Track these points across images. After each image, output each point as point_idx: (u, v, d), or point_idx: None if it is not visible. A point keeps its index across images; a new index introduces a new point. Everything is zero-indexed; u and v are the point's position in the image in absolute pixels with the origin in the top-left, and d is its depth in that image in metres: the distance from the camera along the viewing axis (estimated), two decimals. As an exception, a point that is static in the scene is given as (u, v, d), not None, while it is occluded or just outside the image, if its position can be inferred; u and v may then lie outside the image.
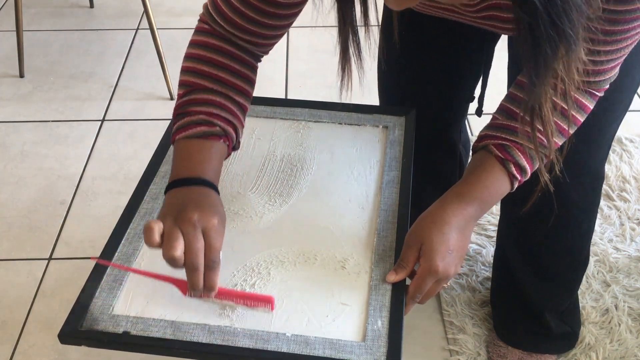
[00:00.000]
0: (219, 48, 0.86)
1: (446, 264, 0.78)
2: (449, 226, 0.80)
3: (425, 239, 0.79)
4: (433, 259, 0.78)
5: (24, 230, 1.52)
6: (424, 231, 0.80)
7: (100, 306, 0.78)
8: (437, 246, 0.78)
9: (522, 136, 0.79)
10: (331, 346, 0.73)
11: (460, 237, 0.81)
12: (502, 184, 0.81)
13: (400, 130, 1.04)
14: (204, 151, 0.80)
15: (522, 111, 0.75)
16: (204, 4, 0.88)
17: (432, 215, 0.81)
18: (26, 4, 2.32)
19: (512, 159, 0.80)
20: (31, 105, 1.90)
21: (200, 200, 0.75)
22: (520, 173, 0.81)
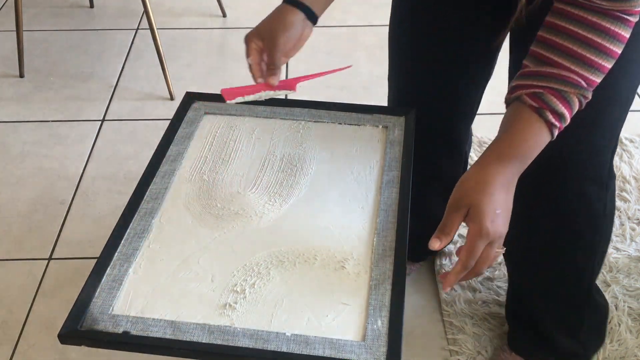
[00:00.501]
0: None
1: (496, 224, 0.76)
2: (493, 186, 0.77)
3: (471, 202, 0.77)
4: (482, 221, 0.75)
5: (24, 230, 1.52)
6: (467, 194, 0.78)
7: (100, 306, 0.78)
8: (484, 207, 0.76)
9: (556, 80, 0.76)
10: (331, 346, 0.73)
11: (505, 196, 0.78)
12: (541, 135, 0.78)
13: (400, 130, 1.04)
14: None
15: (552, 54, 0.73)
16: None
17: (473, 177, 0.79)
18: (26, 4, 2.32)
19: (547, 106, 0.76)
20: (31, 105, 1.90)
21: (270, 19, 0.95)
22: (558, 120, 0.77)
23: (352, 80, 1.89)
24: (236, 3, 2.33)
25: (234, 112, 1.08)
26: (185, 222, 0.89)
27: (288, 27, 0.92)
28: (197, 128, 1.05)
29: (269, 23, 0.94)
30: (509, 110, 0.80)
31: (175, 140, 1.02)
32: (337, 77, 1.95)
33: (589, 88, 0.76)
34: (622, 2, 0.73)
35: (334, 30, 2.14)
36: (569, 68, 0.75)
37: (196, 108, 1.09)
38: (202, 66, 2.04)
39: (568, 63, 0.75)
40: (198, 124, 1.06)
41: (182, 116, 1.07)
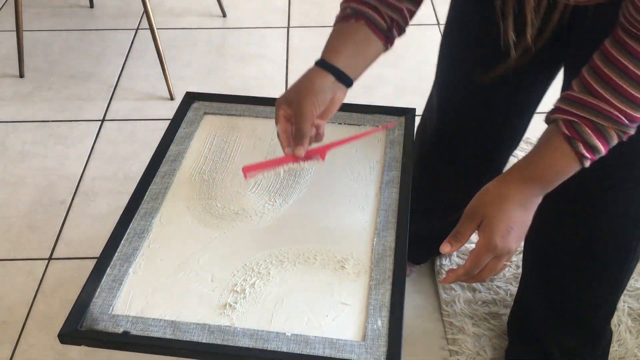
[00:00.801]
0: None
1: (506, 240, 0.76)
2: (510, 202, 0.77)
3: (486, 213, 0.77)
4: (492, 234, 0.76)
5: (24, 230, 1.52)
6: (484, 205, 0.78)
7: (100, 306, 0.78)
8: (497, 222, 0.76)
9: (596, 113, 0.73)
10: (331, 346, 0.73)
11: (522, 214, 0.78)
12: (569, 164, 0.76)
13: (400, 130, 1.04)
14: (333, 33, 0.88)
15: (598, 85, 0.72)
16: None
17: (493, 190, 0.79)
18: (26, 4, 2.32)
19: (580, 137, 0.74)
20: (31, 105, 1.90)
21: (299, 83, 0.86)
22: (591, 152, 0.75)
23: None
24: (236, 3, 2.33)
25: (234, 112, 1.08)
26: (185, 222, 0.89)
27: (316, 92, 0.85)
28: (197, 128, 1.05)
29: (297, 88, 0.86)
30: (545, 131, 0.79)
31: (175, 140, 1.02)
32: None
33: (631, 125, 0.74)
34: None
35: (334, 30, 2.15)
36: (613, 104, 0.72)
37: (196, 108, 1.09)
38: (202, 66, 2.04)
39: (613, 99, 0.72)
40: (198, 124, 1.06)
41: (182, 116, 1.07)
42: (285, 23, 2.21)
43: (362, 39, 0.86)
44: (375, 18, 0.85)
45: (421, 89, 1.93)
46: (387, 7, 0.86)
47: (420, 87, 1.93)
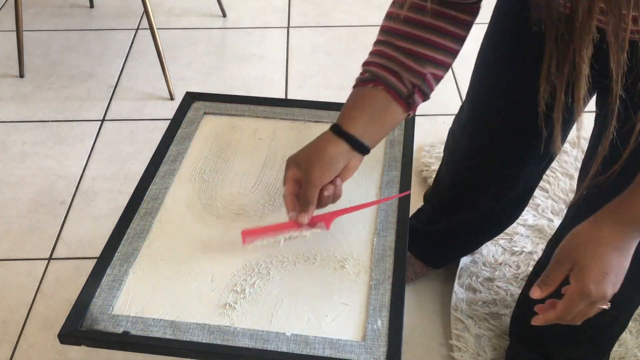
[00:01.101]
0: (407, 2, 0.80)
1: (600, 286, 0.72)
2: (604, 248, 0.72)
3: (579, 260, 0.73)
4: (586, 282, 0.72)
5: (24, 230, 1.52)
6: (577, 250, 0.74)
7: (100, 306, 0.78)
8: (590, 268, 0.72)
9: None
10: (331, 346, 0.73)
11: (616, 258, 0.73)
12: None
13: (400, 130, 1.04)
14: (350, 98, 0.83)
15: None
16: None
17: (586, 233, 0.74)
18: (26, 4, 2.32)
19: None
20: (31, 105, 1.90)
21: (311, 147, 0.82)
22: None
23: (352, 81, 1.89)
24: (236, 3, 2.33)
25: (234, 112, 1.08)
26: (185, 222, 0.89)
27: (327, 161, 0.80)
28: (197, 128, 1.05)
29: (308, 153, 0.82)
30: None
31: (175, 140, 1.02)
32: (337, 77, 1.96)
33: None
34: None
35: (334, 30, 2.14)
36: None
37: (196, 108, 1.09)
38: (202, 66, 2.04)
39: None
40: (198, 124, 1.06)
41: (182, 116, 1.07)
42: (285, 23, 2.21)
43: (380, 106, 0.81)
44: (394, 84, 0.80)
45: (421, 89, 1.93)
46: (409, 73, 0.80)
47: (420, 87, 1.93)
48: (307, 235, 0.85)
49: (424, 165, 1.64)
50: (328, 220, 0.85)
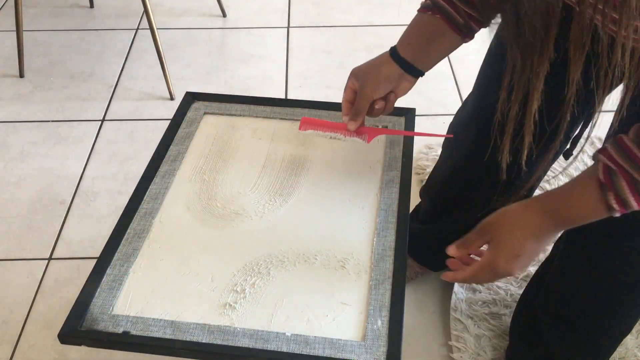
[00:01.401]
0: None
1: (509, 265, 0.76)
2: (522, 232, 0.75)
3: (495, 235, 0.77)
4: (498, 257, 0.76)
5: (24, 230, 1.52)
6: (496, 227, 0.77)
7: (100, 306, 0.78)
8: (503, 247, 0.76)
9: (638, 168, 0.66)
10: (331, 346, 0.73)
11: (532, 245, 0.76)
12: (595, 209, 0.71)
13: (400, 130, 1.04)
14: (411, 23, 0.89)
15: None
16: None
17: (512, 214, 0.77)
18: (26, 4, 2.32)
19: (613, 188, 0.68)
20: (31, 105, 1.90)
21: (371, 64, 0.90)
22: (621, 205, 0.68)
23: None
24: (236, 3, 2.33)
25: (234, 112, 1.08)
26: (185, 222, 0.89)
27: (379, 79, 0.88)
28: (197, 128, 1.05)
29: (367, 68, 0.90)
30: (587, 169, 0.73)
31: (175, 140, 1.03)
32: (337, 77, 1.96)
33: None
34: None
35: (334, 30, 2.14)
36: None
37: (196, 108, 1.09)
38: (202, 66, 2.04)
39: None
40: (198, 124, 1.06)
41: (182, 116, 1.07)
42: (285, 23, 2.21)
43: (436, 33, 0.86)
44: (451, 14, 0.84)
45: (421, 88, 1.93)
46: (464, 3, 0.83)
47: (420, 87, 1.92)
48: (347, 140, 0.94)
49: (420, 168, 1.64)
50: (371, 134, 0.94)
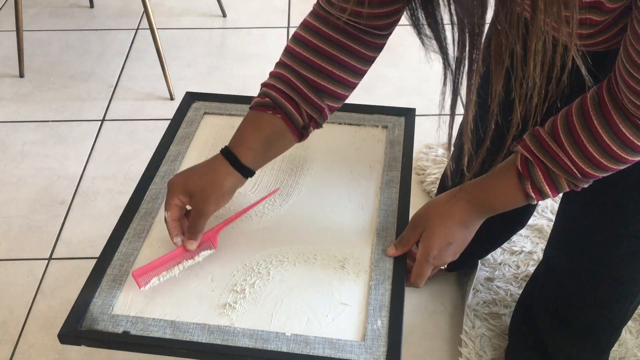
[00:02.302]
0: (317, 29, 0.81)
1: (443, 254, 0.81)
2: (452, 220, 0.81)
3: (427, 226, 0.82)
4: (431, 247, 0.81)
5: (24, 230, 1.52)
6: (427, 218, 0.82)
7: (100, 306, 0.78)
8: (436, 236, 0.80)
9: (553, 161, 0.73)
10: (331, 346, 0.73)
11: (462, 232, 0.81)
12: (514, 197, 0.77)
13: (400, 130, 1.04)
14: (249, 122, 0.83)
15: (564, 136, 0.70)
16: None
17: (440, 205, 0.82)
18: (26, 4, 2.32)
19: (530, 178, 0.74)
20: (31, 105, 1.90)
21: (205, 177, 0.81)
22: (537, 193, 0.75)
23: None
24: (236, 3, 2.33)
25: (234, 112, 1.08)
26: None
27: (223, 193, 0.81)
28: (197, 128, 1.05)
29: (202, 183, 0.80)
30: (507, 160, 0.78)
31: (175, 140, 1.02)
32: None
33: (584, 180, 0.73)
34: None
35: (334, 30, 2.14)
36: (572, 159, 0.71)
37: (196, 108, 1.09)
38: (202, 66, 2.04)
39: (574, 154, 0.71)
40: (198, 124, 1.06)
41: (182, 116, 1.07)
42: (285, 23, 2.21)
43: (276, 134, 0.82)
44: (293, 115, 0.81)
45: (421, 89, 1.93)
46: (308, 105, 0.81)
47: (420, 87, 1.93)
48: (200, 260, 0.82)
49: (420, 168, 1.63)
50: (213, 238, 0.84)
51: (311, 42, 0.81)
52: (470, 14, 0.51)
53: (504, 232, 1.29)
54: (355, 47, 0.81)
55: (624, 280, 0.95)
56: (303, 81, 0.81)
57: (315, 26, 0.81)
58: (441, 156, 1.65)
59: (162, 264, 0.81)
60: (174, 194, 0.80)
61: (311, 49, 0.81)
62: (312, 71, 0.80)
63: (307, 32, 0.82)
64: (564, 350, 1.09)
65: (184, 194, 0.80)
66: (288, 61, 0.82)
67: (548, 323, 1.07)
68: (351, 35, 0.80)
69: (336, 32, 0.80)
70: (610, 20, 0.67)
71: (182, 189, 0.80)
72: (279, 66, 0.83)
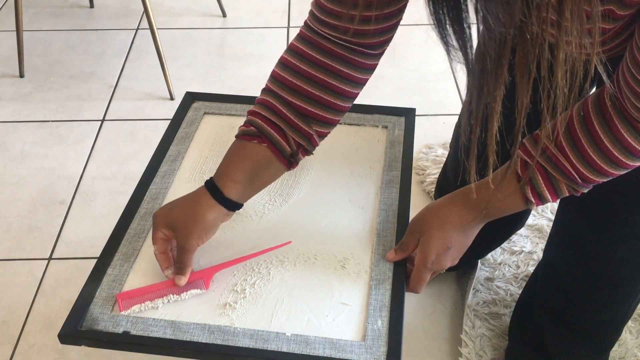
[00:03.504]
0: (303, 53, 0.79)
1: (441, 259, 0.80)
2: (450, 225, 0.80)
3: (425, 231, 0.81)
4: (428, 253, 0.80)
5: (24, 230, 1.52)
6: (425, 223, 0.82)
7: (100, 306, 0.78)
8: (434, 242, 0.80)
9: (554, 166, 0.72)
10: (331, 346, 0.73)
11: (460, 237, 0.81)
12: (514, 202, 0.76)
13: (400, 130, 1.04)
14: (233, 152, 0.80)
15: (566, 141, 0.69)
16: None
17: (437, 210, 0.82)
18: (26, 4, 2.32)
19: (530, 182, 0.74)
20: (31, 105, 1.90)
21: (187, 210, 0.79)
22: (537, 198, 0.74)
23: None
24: (236, 3, 2.33)
25: (234, 112, 1.08)
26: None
27: (206, 228, 0.78)
28: (197, 128, 1.05)
29: (184, 216, 0.78)
30: (506, 164, 0.75)
31: (175, 140, 1.02)
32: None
33: (584, 185, 0.73)
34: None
35: (334, 30, 2.14)
36: (573, 164, 0.71)
37: (196, 108, 1.09)
38: (202, 66, 2.04)
39: (575, 160, 0.71)
40: (198, 124, 1.06)
41: (182, 116, 1.07)
42: (285, 23, 2.21)
43: (262, 164, 0.79)
44: (279, 143, 0.78)
45: (421, 89, 1.93)
46: (295, 132, 0.79)
47: (420, 87, 1.93)
48: (186, 298, 0.79)
49: (420, 168, 1.63)
50: (207, 278, 0.81)
51: (297, 67, 0.79)
52: (499, 22, 0.50)
53: (503, 232, 1.29)
54: (344, 69, 0.78)
55: (623, 280, 0.95)
56: (288, 107, 0.78)
57: (302, 50, 0.79)
58: (441, 156, 1.65)
59: (148, 292, 0.79)
60: (157, 227, 0.79)
61: (297, 73, 0.78)
62: (298, 96, 0.78)
63: (293, 56, 0.79)
64: (564, 350, 1.09)
65: (166, 227, 0.79)
66: (273, 87, 0.80)
67: (548, 323, 1.07)
68: (340, 57, 0.78)
69: (324, 55, 0.78)
70: (619, 27, 0.66)
71: (165, 222, 0.79)
72: (265, 93, 0.81)
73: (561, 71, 0.58)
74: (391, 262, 0.83)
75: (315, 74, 0.78)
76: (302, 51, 0.79)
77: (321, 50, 0.78)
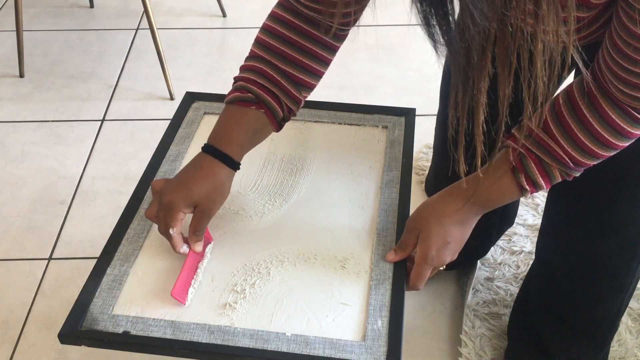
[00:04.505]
0: (287, 21, 0.84)
1: (441, 254, 0.81)
2: (448, 219, 0.81)
3: (424, 227, 0.81)
4: (429, 248, 0.80)
5: (24, 230, 1.52)
6: (423, 219, 0.82)
7: (100, 306, 0.78)
8: (433, 237, 0.80)
9: (546, 152, 0.74)
10: (331, 346, 0.73)
11: (459, 230, 0.81)
12: (510, 191, 0.78)
13: (400, 130, 1.04)
14: (234, 117, 0.84)
15: (555, 127, 0.71)
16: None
17: (434, 205, 0.82)
18: (26, 4, 2.32)
19: (524, 171, 0.75)
20: (31, 105, 1.90)
21: (208, 184, 0.81)
22: (532, 186, 0.76)
23: (352, 80, 1.89)
24: (236, 3, 2.33)
25: (234, 112, 1.08)
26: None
27: (226, 194, 0.84)
28: (197, 128, 1.05)
29: (206, 190, 0.81)
30: (498, 155, 0.78)
31: (175, 140, 1.02)
32: (337, 76, 1.95)
33: (576, 169, 0.74)
34: (636, 101, 0.68)
35: (334, 30, 2.14)
36: (564, 148, 0.73)
37: (196, 108, 1.09)
38: (202, 66, 2.04)
39: (565, 144, 0.72)
40: (198, 124, 1.06)
41: (182, 116, 1.07)
42: (285, 23, 2.21)
43: (259, 128, 0.85)
44: (276, 109, 0.83)
45: (421, 89, 1.93)
46: (288, 98, 0.84)
47: (420, 87, 1.93)
48: (209, 256, 0.84)
49: (420, 168, 1.63)
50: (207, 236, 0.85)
51: (282, 33, 0.83)
52: (484, 17, 0.52)
53: (498, 224, 1.29)
54: (322, 35, 0.83)
55: (614, 273, 0.96)
56: (283, 75, 0.83)
57: (284, 17, 0.84)
58: (441, 156, 1.65)
59: (188, 273, 0.81)
60: (178, 209, 0.80)
61: (282, 39, 0.83)
62: (289, 64, 0.83)
63: (276, 22, 0.84)
64: (563, 349, 1.09)
65: (188, 207, 0.81)
66: (262, 53, 0.84)
67: (545, 321, 1.08)
68: (317, 24, 0.83)
69: (303, 22, 0.83)
70: (593, 16, 0.68)
71: (186, 203, 0.80)
72: (254, 59, 0.84)
73: (540, 61, 0.60)
74: (391, 262, 0.83)
75: (298, 40, 0.83)
76: (284, 18, 0.84)
77: (300, 17, 0.83)
